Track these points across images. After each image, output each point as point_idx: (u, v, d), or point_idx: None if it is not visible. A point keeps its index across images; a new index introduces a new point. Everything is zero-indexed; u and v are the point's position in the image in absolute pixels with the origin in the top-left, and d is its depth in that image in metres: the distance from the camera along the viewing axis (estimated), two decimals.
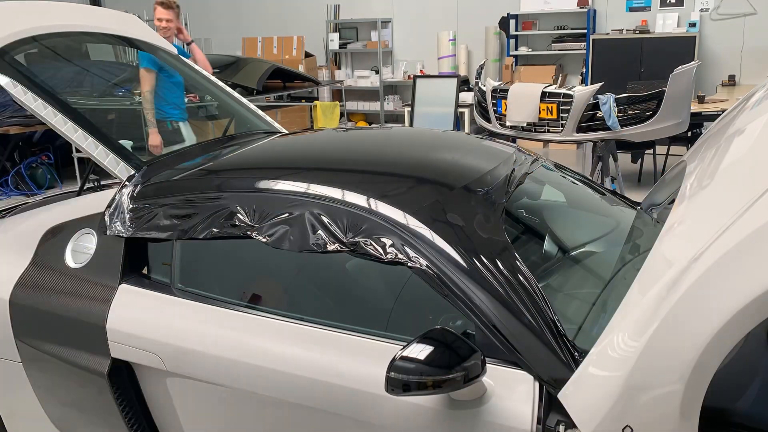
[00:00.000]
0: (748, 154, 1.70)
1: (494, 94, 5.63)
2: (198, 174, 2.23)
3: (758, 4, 8.62)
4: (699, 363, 1.29)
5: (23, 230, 2.35)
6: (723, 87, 8.63)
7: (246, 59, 8.69)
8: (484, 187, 2.01)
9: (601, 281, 2.03)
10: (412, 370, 1.42)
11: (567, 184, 2.61)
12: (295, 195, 1.93)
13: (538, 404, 1.53)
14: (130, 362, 2.01)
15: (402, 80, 10.60)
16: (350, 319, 1.84)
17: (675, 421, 1.35)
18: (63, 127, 2.28)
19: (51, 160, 7.93)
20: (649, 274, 1.54)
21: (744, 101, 2.31)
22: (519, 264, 1.71)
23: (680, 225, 1.61)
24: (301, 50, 10.35)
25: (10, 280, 2.20)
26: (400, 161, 2.25)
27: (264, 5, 11.53)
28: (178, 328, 1.93)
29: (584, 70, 9.38)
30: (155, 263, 2.12)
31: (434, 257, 1.71)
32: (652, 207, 2.56)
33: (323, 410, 1.73)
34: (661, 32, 8.98)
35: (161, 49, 3.14)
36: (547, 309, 1.62)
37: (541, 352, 1.56)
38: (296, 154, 2.44)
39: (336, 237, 1.80)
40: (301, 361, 1.76)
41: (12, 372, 2.21)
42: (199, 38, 11.98)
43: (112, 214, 2.15)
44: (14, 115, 7.00)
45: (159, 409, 2.05)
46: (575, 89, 5.24)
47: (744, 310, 1.24)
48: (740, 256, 1.26)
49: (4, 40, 2.36)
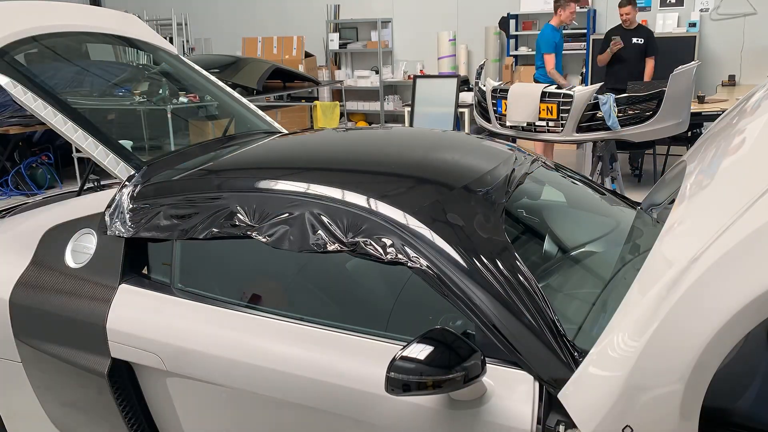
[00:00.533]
0: (748, 154, 1.70)
1: (494, 94, 5.63)
2: (198, 174, 2.23)
3: (758, 4, 8.62)
4: (699, 363, 1.29)
5: (23, 230, 2.35)
6: (723, 87, 8.62)
7: (246, 59, 8.69)
8: (484, 187, 2.01)
9: (601, 281, 2.03)
10: (412, 370, 1.42)
11: (567, 184, 2.61)
12: (295, 195, 1.93)
13: (538, 404, 1.53)
14: (130, 362, 2.01)
15: (402, 80, 10.60)
16: (350, 319, 1.84)
17: (675, 421, 1.35)
18: (63, 127, 2.28)
19: (51, 160, 7.93)
20: (649, 274, 1.54)
21: (744, 101, 2.31)
22: (519, 264, 1.71)
23: (680, 225, 1.61)
24: (301, 50, 10.36)
25: (10, 280, 2.20)
26: (400, 161, 2.24)
27: (264, 5, 11.53)
28: (178, 328, 1.93)
29: (584, 70, 9.38)
30: (155, 263, 2.12)
31: (434, 257, 1.71)
32: (652, 207, 2.56)
33: (323, 410, 1.73)
34: (661, 32, 8.98)
35: (161, 49, 3.14)
36: (547, 309, 1.62)
37: (541, 352, 1.56)
38: (296, 154, 2.44)
39: (336, 237, 1.80)
40: (301, 361, 1.76)
41: (12, 372, 2.21)
42: (199, 38, 12.01)
43: (112, 214, 2.15)
44: (14, 115, 7.00)
45: (159, 409, 2.05)
46: (575, 89, 5.24)
47: (744, 310, 1.24)
48: (740, 256, 1.26)
49: (4, 40, 2.36)
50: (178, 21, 11.39)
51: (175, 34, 11.34)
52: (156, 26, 11.18)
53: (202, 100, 5.30)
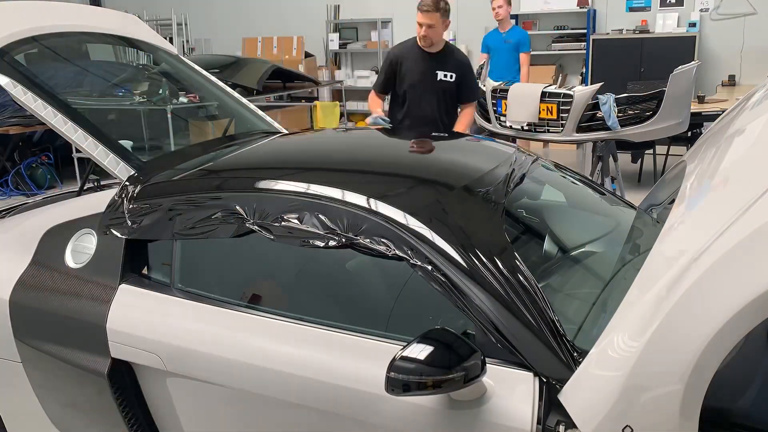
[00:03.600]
0: (748, 154, 1.70)
1: (494, 94, 5.63)
2: (198, 174, 2.23)
3: (758, 4, 8.62)
4: (699, 363, 1.29)
5: (23, 230, 2.35)
6: (723, 87, 8.62)
7: (246, 59, 8.69)
8: (484, 187, 2.02)
9: (601, 281, 2.03)
10: (412, 370, 1.43)
11: (567, 184, 2.61)
12: (295, 195, 1.93)
13: (538, 404, 1.53)
14: (130, 362, 2.01)
15: None
16: (350, 319, 1.84)
17: (675, 421, 1.35)
18: (63, 127, 2.28)
19: (51, 160, 7.92)
20: (649, 274, 1.54)
21: (744, 101, 2.31)
22: (519, 264, 1.71)
23: (680, 225, 1.61)
24: (301, 50, 10.36)
25: (10, 280, 2.20)
26: (400, 161, 2.25)
27: (264, 5, 11.52)
28: (178, 328, 1.93)
29: (584, 70, 9.38)
30: (155, 263, 2.12)
31: (434, 257, 1.71)
32: (652, 207, 2.56)
33: (323, 410, 1.73)
34: (661, 32, 8.98)
35: (161, 49, 3.14)
36: (547, 309, 1.62)
37: (541, 352, 1.56)
38: (296, 154, 2.45)
39: (336, 237, 1.80)
40: (301, 361, 1.76)
41: (12, 372, 2.21)
42: (199, 38, 12.00)
43: (112, 214, 2.15)
44: (14, 115, 7.00)
45: (159, 409, 2.05)
46: (575, 89, 5.24)
47: (744, 310, 1.24)
48: (740, 256, 1.26)
49: (4, 40, 2.36)
50: (177, 21, 11.38)
51: (175, 34, 11.33)
52: (156, 26, 11.16)
53: (202, 100, 5.30)
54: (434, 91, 3.94)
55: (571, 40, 9.45)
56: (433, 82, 3.93)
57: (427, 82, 3.92)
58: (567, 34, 9.57)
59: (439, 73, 3.93)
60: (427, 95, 3.94)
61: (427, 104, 3.95)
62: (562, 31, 9.63)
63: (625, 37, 9.12)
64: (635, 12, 9.31)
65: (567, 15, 9.55)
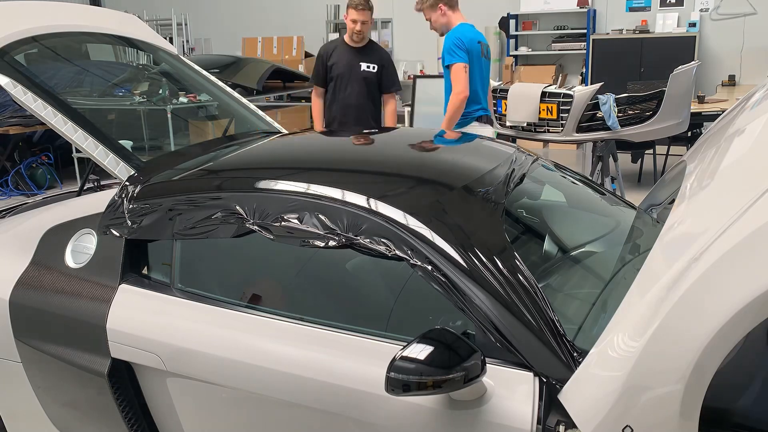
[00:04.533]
0: (748, 154, 1.70)
1: (494, 94, 5.63)
2: (198, 174, 2.23)
3: (758, 4, 8.62)
4: (699, 363, 1.29)
5: (23, 230, 2.35)
6: (723, 87, 8.63)
7: (246, 59, 8.69)
8: (484, 187, 2.02)
9: (601, 281, 2.03)
10: (412, 370, 1.42)
11: (567, 184, 2.61)
12: (295, 195, 1.93)
13: (538, 404, 1.52)
14: (130, 362, 2.01)
15: (402, 80, 10.58)
16: (350, 320, 1.84)
17: (675, 421, 1.35)
18: (63, 127, 2.28)
19: (51, 160, 7.93)
20: (649, 274, 1.54)
21: (744, 101, 2.31)
22: (519, 264, 1.71)
23: (680, 225, 1.61)
24: (301, 50, 10.35)
25: (10, 280, 2.20)
26: (400, 161, 2.25)
27: (264, 5, 11.52)
28: (177, 328, 1.93)
29: (584, 70, 9.38)
30: (155, 263, 2.12)
31: (434, 257, 1.71)
32: (652, 207, 2.56)
33: (323, 410, 1.72)
34: (661, 32, 8.99)
35: (161, 49, 3.14)
36: (547, 309, 1.62)
37: (541, 352, 1.56)
38: (296, 154, 2.45)
39: (336, 237, 1.80)
40: (300, 361, 1.76)
41: (12, 372, 2.21)
42: (199, 38, 12.00)
43: (112, 214, 2.15)
44: (14, 115, 7.01)
45: (159, 409, 2.05)
46: (575, 89, 5.24)
47: (744, 310, 1.24)
48: (740, 256, 1.26)
49: (4, 40, 2.36)
50: (178, 21, 11.38)
51: (175, 34, 11.33)
52: (156, 26, 11.17)
53: (202, 100, 5.31)
54: (358, 80, 4.60)
55: (571, 40, 9.45)
56: (357, 72, 4.59)
57: (352, 72, 4.59)
58: (567, 34, 9.58)
59: (362, 65, 4.61)
60: (352, 83, 4.61)
61: (353, 91, 4.62)
62: (562, 31, 9.63)
63: (625, 37, 9.12)
64: (635, 12, 9.32)
65: (567, 15, 9.55)
